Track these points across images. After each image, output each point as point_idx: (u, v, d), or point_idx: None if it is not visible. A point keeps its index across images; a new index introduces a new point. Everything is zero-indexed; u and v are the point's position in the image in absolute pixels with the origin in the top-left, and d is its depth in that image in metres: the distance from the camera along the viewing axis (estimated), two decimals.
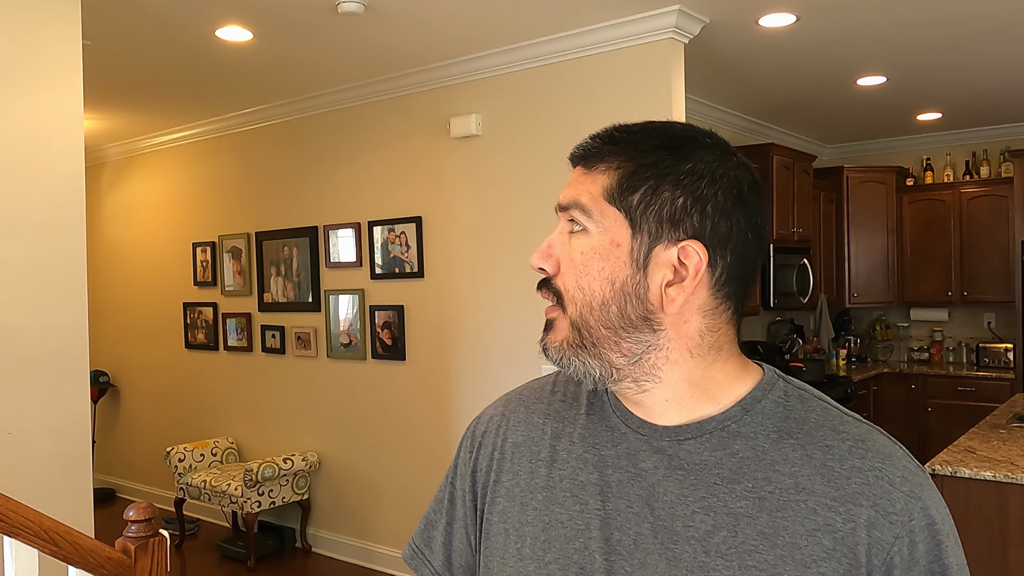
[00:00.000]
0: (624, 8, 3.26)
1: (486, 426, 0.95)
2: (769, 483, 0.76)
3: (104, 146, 5.86)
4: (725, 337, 0.80)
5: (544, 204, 3.73)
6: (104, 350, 6.04)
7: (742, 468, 0.77)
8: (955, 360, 6.24)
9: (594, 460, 0.83)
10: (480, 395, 3.99)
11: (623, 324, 0.78)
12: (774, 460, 0.77)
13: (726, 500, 0.76)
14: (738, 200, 0.77)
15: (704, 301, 0.78)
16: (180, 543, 4.89)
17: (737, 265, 0.78)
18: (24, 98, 2.48)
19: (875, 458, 0.75)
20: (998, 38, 3.72)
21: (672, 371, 0.79)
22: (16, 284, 2.47)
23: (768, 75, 4.32)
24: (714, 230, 0.76)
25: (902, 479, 0.74)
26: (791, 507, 0.74)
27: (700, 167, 0.77)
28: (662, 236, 0.76)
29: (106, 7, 3.08)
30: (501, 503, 0.89)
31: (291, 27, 3.36)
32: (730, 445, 0.78)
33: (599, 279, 0.78)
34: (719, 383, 0.80)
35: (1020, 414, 3.83)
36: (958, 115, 5.52)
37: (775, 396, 0.80)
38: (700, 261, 0.76)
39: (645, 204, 0.77)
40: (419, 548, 0.99)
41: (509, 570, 0.85)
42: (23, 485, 2.47)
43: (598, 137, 0.83)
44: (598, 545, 0.79)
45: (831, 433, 0.77)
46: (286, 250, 4.83)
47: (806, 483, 0.75)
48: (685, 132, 0.81)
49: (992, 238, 5.81)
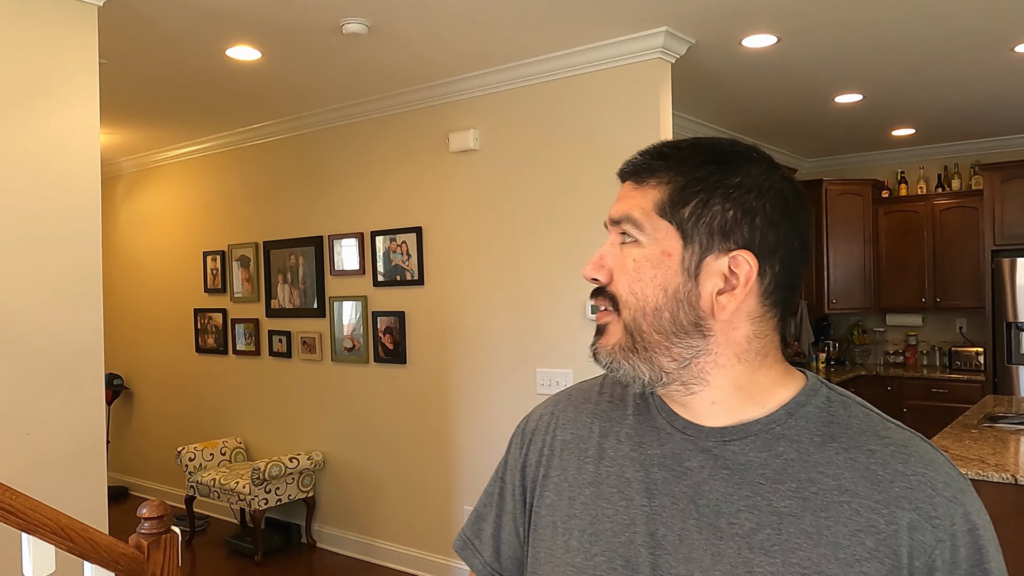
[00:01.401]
0: (614, 29, 3.27)
1: (536, 424, 0.96)
2: (813, 484, 0.75)
3: (119, 159, 5.86)
4: (771, 344, 0.80)
5: (538, 215, 3.74)
6: (118, 354, 6.03)
7: (786, 469, 0.76)
8: (929, 363, 6.25)
9: (640, 459, 0.83)
10: (477, 397, 3.99)
11: (675, 330, 0.78)
12: (818, 462, 0.76)
13: (770, 499, 0.75)
14: (785, 211, 0.77)
15: (752, 308, 0.78)
16: (191, 539, 4.87)
17: (784, 274, 0.78)
18: (44, 114, 2.48)
19: (918, 463, 0.74)
20: (968, 58, 3.74)
21: (720, 375, 0.79)
22: (35, 291, 2.47)
23: (751, 93, 4.33)
24: (763, 240, 0.76)
25: (944, 484, 0.73)
26: (834, 507, 0.73)
27: (748, 180, 0.77)
28: (713, 247, 0.76)
29: (122, 28, 3.08)
30: (550, 497, 0.89)
31: (298, 47, 3.37)
32: (774, 447, 0.77)
33: (652, 286, 0.78)
34: (764, 388, 0.80)
35: (990, 414, 3.84)
36: (931, 131, 5.54)
37: (819, 401, 0.80)
38: (751, 270, 0.76)
39: (696, 216, 0.77)
40: (469, 539, 0.99)
41: (556, 561, 0.85)
42: (41, 483, 2.46)
43: (647, 153, 0.82)
44: (643, 540, 0.79)
45: (874, 438, 0.76)
46: (292, 258, 4.83)
47: (849, 485, 0.74)
48: (732, 147, 0.80)
49: (963, 247, 5.83)
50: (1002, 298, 5.38)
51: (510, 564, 0.96)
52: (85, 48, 2.58)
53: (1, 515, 1.58)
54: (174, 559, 1.84)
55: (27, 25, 2.44)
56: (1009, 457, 2.93)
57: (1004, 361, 5.39)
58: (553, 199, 3.69)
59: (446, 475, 4.13)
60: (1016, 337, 5.34)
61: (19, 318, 2.43)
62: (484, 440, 3.97)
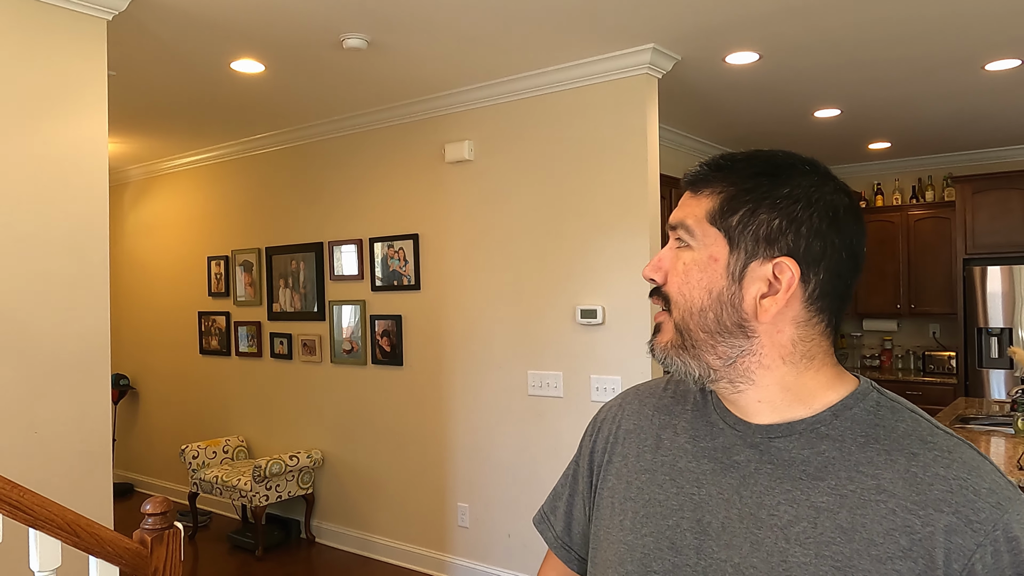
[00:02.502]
0: (603, 46, 3.28)
1: (605, 414, 1.00)
2: (852, 482, 0.74)
3: (127, 167, 5.84)
4: (818, 348, 0.80)
5: (530, 223, 3.75)
6: (124, 355, 6.00)
7: (827, 467, 0.76)
8: (903, 367, 6.28)
9: (693, 450, 0.85)
10: (470, 398, 3.99)
11: (719, 329, 0.79)
12: (858, 462, 0.75)
13: (809, 494, 0.76)
14: (833, 222, 0.77)
15: (797, 313, 0.78)
16: (193, 534, 4.85)
17: (830, 282, 0.78)
18: (55, 124, 2.48)
19: (961, 468, 0.72)
20: (940, 76, 3.77)
21: (765, 375, 0.80)
22: (45, 294, 2.46)
23: (734, 107, 4.35)
24: (808, 249, 0.76)
25: (988, 491, 0.71)
26: (871, 506, 0.73)
27: (797, 192, 0.77)
28: (758, 253, 0.77)
29: (130, 41, 3.08)
30: (611, 480, 0.92)
31: (300, 61, 3.37)
32: (817, 445, 0.77)
33: (698, 288, 0.80)
34: (811, 389, 0.80)
35: (962, 416, 3.86)
36: (905, 144, 5.58)
37: (867, 405, 0.79)
38: (793, 277, 0.76)
39: (743, 225, 0.78)
40: (546, 514, 1.04)
41: (612, 539, 0.88)
42: (48, 480, 2.45)
43: (706, 164, 0.83)
44: (689, 525, 0.81)
45: (918, 442, 0.75)
46: (294, 264, 4.82)
47: (888, 485, 0.73)
48: (787, 160, 0.81)
49: (936, 256, 5.87)
50: (973, 305, 5.42)
51: (579, 539, 1.00)
52: (94, 60, 2.58)
53: (9, 511, 1.57)
54: (177, 554, 1.84)
55: (39, 38, 2.44)
56: None
57: (975, 365, 5.42)
58: (544, 208, 3.70)
59: (441, 473, 4.13)
60: (986, 342, 5.37)
61: (30, 320, 2.42)
62: (477, 439, 3.97)
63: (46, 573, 1.66)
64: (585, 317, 3.53)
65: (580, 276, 3.58)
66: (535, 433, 3.75)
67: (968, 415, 3.87)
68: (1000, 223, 5.39)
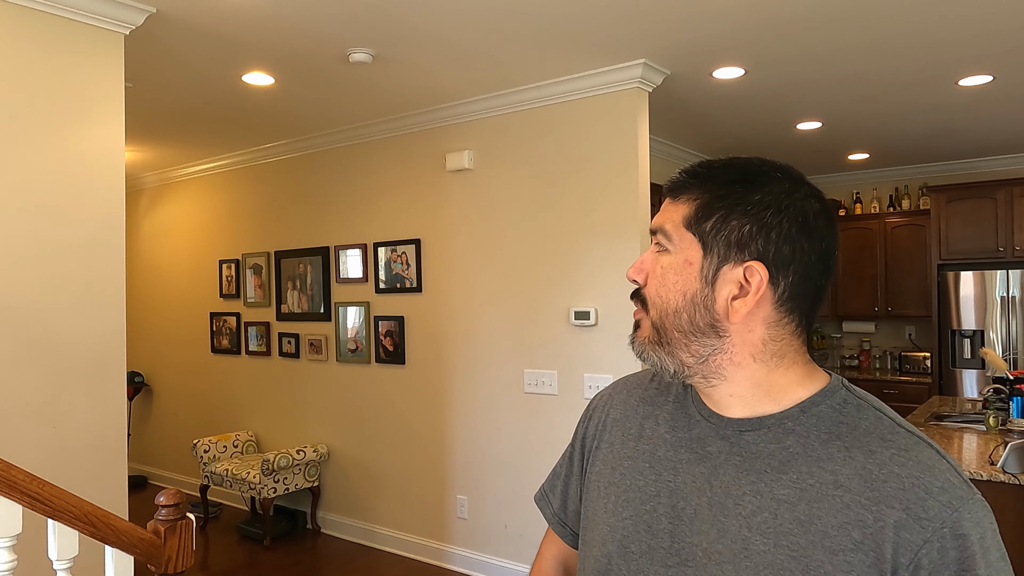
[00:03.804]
0: (596, 61, 3.29)
1: (597, 402, 1.01)
2: (812, 476, 0.75)
3: (142, 175, 5.83)
4: (789, 347, 0.80)
5: (527, 229, 3.75)
6: (139, 353, 5.98)
7: (791, 461, 0.76)
8: (881, 366, 6.29)
9: (672, 440, 0.86)
10: (469, 395, 3.99)
11: (692, 330, 0.80)
12: (820, 457, 0.75)
13: (772, 486, 0.76)
14: (803, 227, 0.77)
15: (768, 314, 0.78)
16: (204, 525, 4.83)
17: (800, 284, 0.78)
18: (74, 133, 2.47)
19: (915, 467, 0.72)
20: (917, 91, 3.78)
21: (736, 372, 0.80)
22: (64, 295, 2.45)
23: (720, 119, 4.36)
24: (777, 253, 0.77)
25: (940, 490, 0.70)
26: (828, 500, 0.73)
27: (768, 198, 0.77)
28: (730, 257, 0.78)
29: (146, 54, 3.08)
30: (599, 465, 0.94)
31: (308, 73, 3.37)
32: (783, 440, 0.78)
33: (673, 290, 0.80)
34: (781, 386, 0.80)
35: (936, 413, 3.86)
36: (883, 155, 5.59)
37: (833, 402, 0.79)
38: (762, 280, 0.76)
39: (716, 230, 0.78)
40: (545, 492, 1.06)
41: (597, 520, 0.90)
42: (66, 473, 2.44)
43: (685, 172, 0.83)
44: (665, 510, 0.83)
45: (877, 440, 0.75)
46: (301, 267, 4.81)
47: (845, 481, 0.73)
48: (761, 167, 0.81)
49: (912, 261, 5.88)
50: (947, 308, 5.43)
51: (573, 516, 1.02)
52: (112, 72, 2.57)
53: (29, 502, 1.57)
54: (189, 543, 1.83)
55: (60, 51, 2.43)
56: (953, 453, 2.95)
57: (949, 365, 5.43)
58: (540, 214, 3.70)
59: (440, 466, 4.12)
60: (959, 343, 5.39)
61: (49, 320, 2.42)
62: (476, 434, 3.97)
63: (64, 562, 1.65)
64: (579, 318, 3.53)
65: (574, 279, 3.58)
66: (531, 429, 3.75)
67: (942, 413, 3.88)
68: (972, 231, 5.41)
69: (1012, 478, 2.58)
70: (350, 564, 4.15)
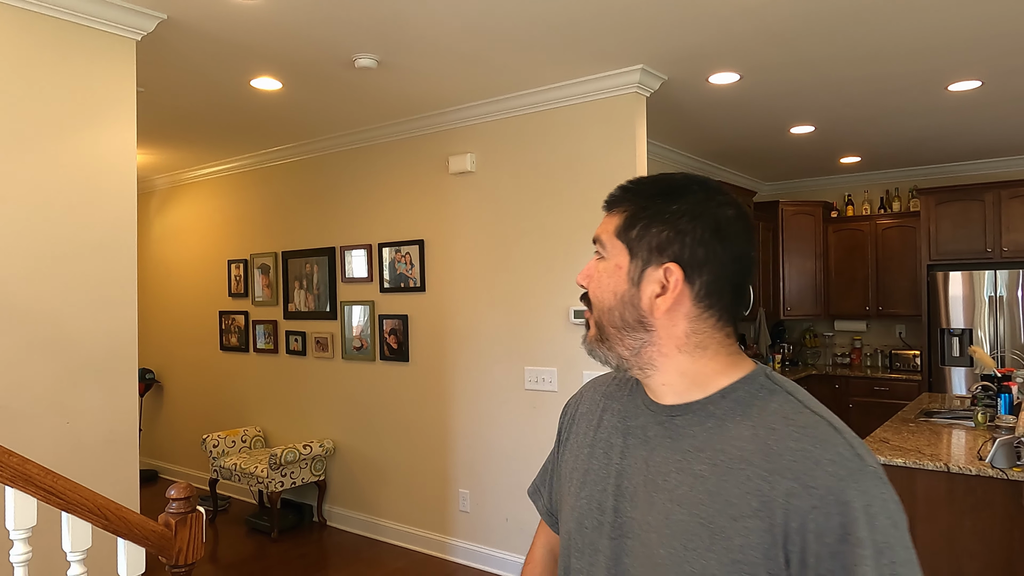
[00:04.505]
0: (596, 66, 3.29)
1: (571, 400, 1.09)
2: (723, 453, 0.81)
3: (153, 177, 5.83)
4: (711, 339, 0.86)
5: (528, 230, 3.75)
6: (150, 351, 5.99)
7: (709, 441, 0.83)
8: (872, 364, 6.29)
9: (622, 428, 0.94)
10: (471, 391, 3.98)
11: (623, 325, 0.87)
12: (732, 436, 0.82)
13: (692, 463, 0.83)
14: (716, 232, 0.84)
15: (689, 310, 0.85)
16: (213, 518, 4.83)
17: (715, 283, 0.84)
18: (88, 136, 2.47)
19: (809, 441, 0.77)
20: (907, 96, 3.78)
21: (665, 362, 0.87)
22: (77, 294, 2.45)
23: (716, 124, 4.36)
24: (692, 256, 0.84)
25: (830, 461, 0.75)
26: (734, 473, 0.79)
27: (684, 208, 0.85)
28: (652, 261, 0.85)
29: (158, 60, 3.08)
30: (567, 455, 1.02)
31: (315, 79, 3.37)
32: (705, 422, 0.84)
33: (607, 291, 0.88)
34: (705, 375, 0.86)
35: (926, 410, 3.86)
36: (874, 159, 5.59)
37: (751, 388, 0.85)
38: (678, 280, 0.84)
39: (640, 237, 0.86)
40: (537, 486, 1.14)
41: (564, 502, 0.99)
42: (79, 467, 2.44)
43: (618, 188, 0.91)
44: (612, 490, 0.90)
45: (781, 420, 0.80)
46: (308, 267, 4.81)
47: (749, 456, 0.79)
48: (682, 181, 0.88)
49: (902, 262, 5.88)
50: (936, 307, 5.43)
51: (557, 506, 1.08)
52: (124, 77, 2.57)
53: (43, 495, 1.56)
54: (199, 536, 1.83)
55: (74, 56, 2.43)
56: (942, 448, 2.95)
57: (938, 363, 5.43)
58: (541, 216, 3.70)
59: (443, 461, 4.12)
60: (948, 342, 5.38)
61: (63, 319, 2.42)
62: (478, 430, 3.97)
63: (77, 554, 1.65)
64: (578, 317, 3.53)
65: (573, 279, 3.58)
66: (531, 424, 3.75)
67: (931, 409, 3.88)
68: (961, 232, 5.41)
69: (1000, 473, 2.58)
70: (355, 556, 4.15)
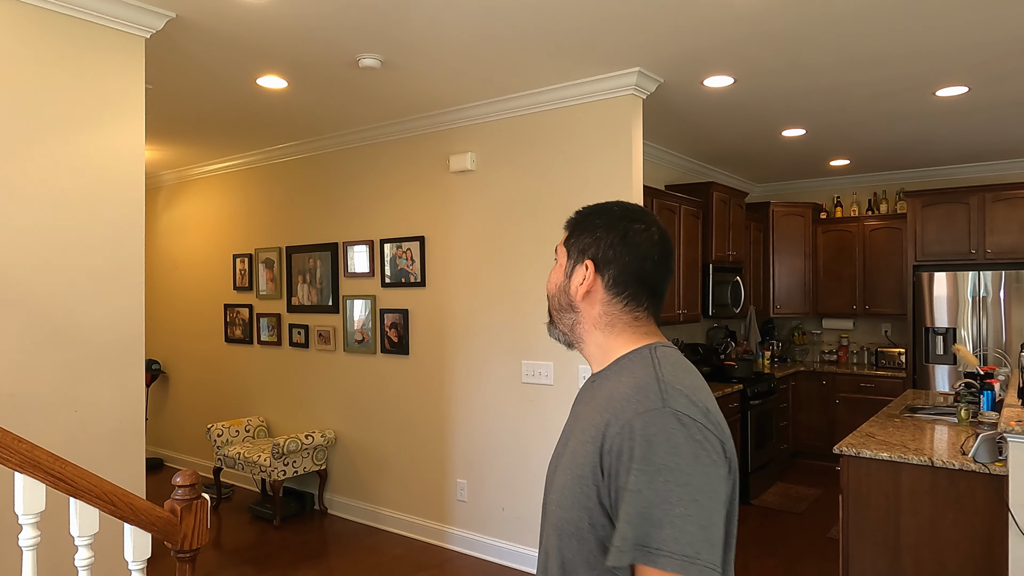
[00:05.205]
0: (595, 69, 3.28)
1: None
2: (595, 400, 1.02)
3: (161, 173, 5.81)
4: (619, 320, 1.07)
5: (526, 228, 3.74)
6: (157, 342, 5.98)
7: (595, 396, 1.03)
8: (858, 361, 6.30)
9: (581, 402, 1.11)
10: (470, 384, 3.99)
11: (560, 307, 1.12)
12: (603, 389, 1.02)
13: (585, 414, 1.03)
14: (623, 239, 1.06)
15: (602, 296, 1.07)
16: (217, 505, 4.83)
17: (622, 276, 1.06)
18: (97, 132, 2.46)
19: (631, 389, 0.97)
20: (895, 101, 3.78)
21: (587, 337, 1.10)
22: (86, 287, 2.45)
23: (710, 126, 4.36)
24: (603, 255, 1.07)
25: (637, 402, 0.94)
26: (593, 415, 0.99)
27: (602, 222, 1.08)
28: (578, 260, 1.09)
29: (166, 58, 3.06)
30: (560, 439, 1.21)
31: (320, 78, 3.36)
32: (603, 384, 1.04)
33: (553, 284, 1.13)
34: (613, 348, 1.07)
35: (910, 406, 3.87)
36: (863, 162, 5.60)
37: (633, 356, 1.04)
38: (590, 271, 1.07)
39: (574, 244, 1.11)
40: None
41: None
42: (87, 455, 2.44)
43: (575, 212, 1.14)
44: (560, 450, 1.07)
45: (629, 376, 1.00)
46: (311, 261, 4.80)
47: (602, 401, 0.99)
48: (610, 205, 1.11)
49: (889, 262, 5.89)
50: (921, 306, 5.44)
51: None
52: (133, 75, 2.56)
53: (52, 482, 1.56)
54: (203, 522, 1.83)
55: (84, 54, 2.42)
56: (926, 443, 2.95)
57: (922, 360, 5.44)
58: (539, 214, 3.70)
59: (442, 451, 4.12)
60: (932, 340, 5.40)
61: (72, 311, 2.41)
62: (476, 421, 3.97)
63: (85, 539, 1.65)
64: None
65: None
66: (528, 417, 3.75)
67: (916, 405, 3.89)
68: (946, 234, 5.42)
69: (983, 467, 2.59)
70: (356, 543, 4.15)
